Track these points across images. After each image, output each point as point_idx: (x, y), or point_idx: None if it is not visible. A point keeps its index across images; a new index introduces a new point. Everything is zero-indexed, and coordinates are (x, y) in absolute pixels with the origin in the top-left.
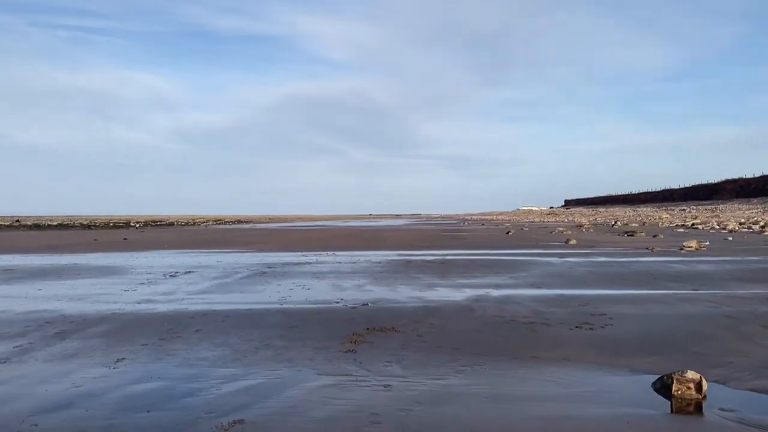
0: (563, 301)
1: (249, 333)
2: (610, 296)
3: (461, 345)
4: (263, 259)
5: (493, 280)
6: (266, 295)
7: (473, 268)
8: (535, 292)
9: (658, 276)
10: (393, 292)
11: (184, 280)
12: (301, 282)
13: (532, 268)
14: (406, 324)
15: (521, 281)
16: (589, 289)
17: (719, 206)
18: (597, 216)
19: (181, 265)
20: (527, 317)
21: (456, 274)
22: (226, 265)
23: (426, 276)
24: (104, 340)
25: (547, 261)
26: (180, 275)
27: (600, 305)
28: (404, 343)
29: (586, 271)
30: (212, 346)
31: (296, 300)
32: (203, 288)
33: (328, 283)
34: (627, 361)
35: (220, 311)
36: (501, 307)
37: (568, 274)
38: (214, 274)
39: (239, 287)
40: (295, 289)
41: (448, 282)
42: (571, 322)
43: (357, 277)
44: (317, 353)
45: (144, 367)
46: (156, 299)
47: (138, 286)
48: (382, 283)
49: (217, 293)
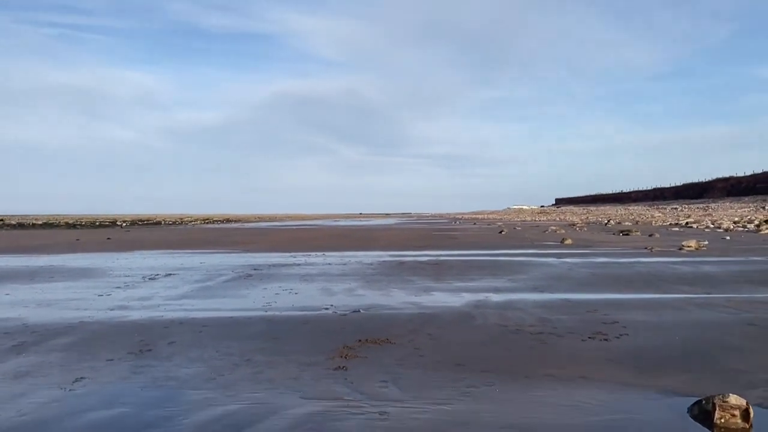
0: (569, 306)
1: (228, 345)
2: (618, 301)
3: (464, 360)
4: (249, 261)
5: (491, 283)
6: (250, 301)
7: (469, 269)
8: (537, 296)
9: (663, 278)
10: (386, 297)
11: (164, 283)
12: (288, 286)
13: (531, 270)
14: (402, 334)
15: (521, 284)
16: (594, 293)
17: (711, 205)
18: (589, 215)
19: (163, 267)
20: (533, 326)
21: (452, 277)
22: (210, 267)
23: (420, 278)
24: (65, 355)
25: (545, 262)
26: (160, 278)
27: (610, 311)
28: (401, 358)
29: (587, 272)
30: (186, 361)
31: (282, 306)
32: (183, 292)
33: (316, 286)
34: (653, 380)
35: (198, 319)
36: (503, 314)
37: (569, 276)
38: (197, 277)
39: (222, 292)
40: (281, 293)
41: (444, 285)
42: (582, 332)
43: (348, 280)
44: (303, 371)
45: (105, 389)
46: (130, 305)
47: (113, 291)
48: (374, 286)
49: (198, 298)
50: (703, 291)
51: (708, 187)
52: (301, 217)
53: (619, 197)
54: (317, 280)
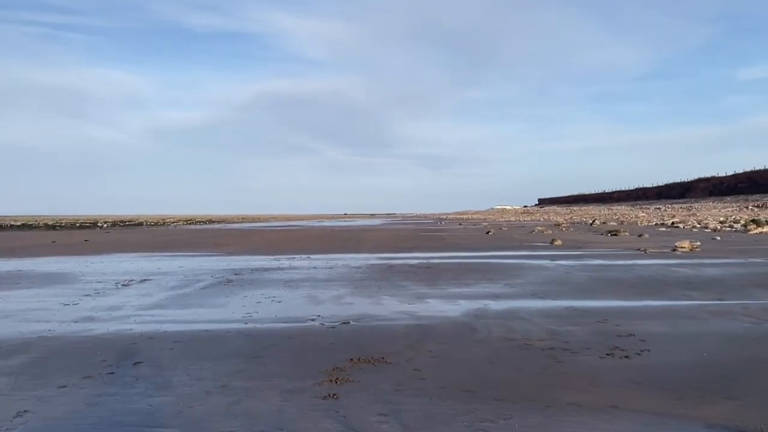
0: (577, 316)
1: (201, 367)
2: (627, 309)
3: (473, 384)
4: (231, 264)
5: (488, 288)
6: (229, 311)
7: (463, 273)
8: (539, 303)
9: (667, 282)
10: (378, 306)
11: (137, 290)
12: (271, 293)
13: (527, 274)
14: (399, 351)
15: (519, 290)
16: (598, 299)
17: (694, 205)
18: (573, 215)
19: (138, 272)
20: (542, 340)
21: (446, 282)
22: (189, 272)
23: (413, 284)
24: (13, 380)
25: (540, 264)
26: (134, 284)
27: (621, 322)
28: (399, 382)
29: (585, 276)
30: (151, 388)
31: (264, 317)
32: (156, 301)
33: (302, 293)
34: (694, 409)
35: (170, 333)
36: (507, 325)
37: (568, 281)
38: (173, 283)
39: (199, 300)
40: (263, 302)
41: (438, 291)
42: (599, 347)
43: (335, 286)
44: (287, 400)
45: (48, 428)
46: (98, 317)
47: (81, 299)
48: (364, 293)
49: (172, 308)
50: (713, 297)
51: (690, 187)
52: (285, 217)
53: (601, 197)
54: (302, 286)
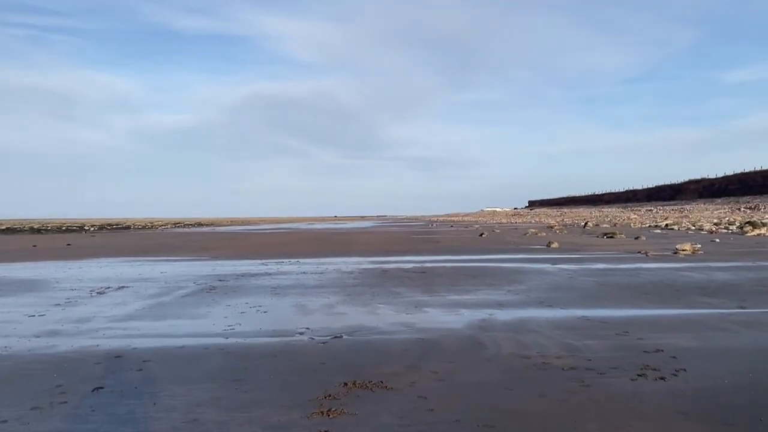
0: (593, 327)
1: (171, 393)
2: (646, 319)
3: (491, 418)
4: (215, 269)
5: (490, 295)
6: (209, 323)
7: (460, 278)
8: (549, 313)
9: (680, 288)
10: (372, 316)
11: (113, 299)
12: (257, 301)
13: (528, 279)
14: (400, 373)
15: (524, 297)
16: (611, 307)
17: (686, 206)
18: (564, 217)
19: (117, 278)
20: (561, 357)
21: (443, 288)
22: (170, 278)
23: (408, 290)
24: None
25: (540, 269)
26: (110, 292)
27: (644, 334)
28: (403, 415)
29: (591, 282)
30: (107, 423)
31: (247, 330)
32: (132, 311)
33: (289, 302)
34: None
35: (141, 351)
36: (518, 339)
37: (574, 287)
38: (152, 291)
39: (177, 310)
40: (247, 312)
41: (437, 299)
42: (627, 366)
43: (325, 293)
44: None
45: None
46: (63, 330)
47: (50, 309)
48: (357, 301)
49: (147, 319)
50: (734, 305)
51: (680, 189)
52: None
53: (591, 199)
54: (290, 293)
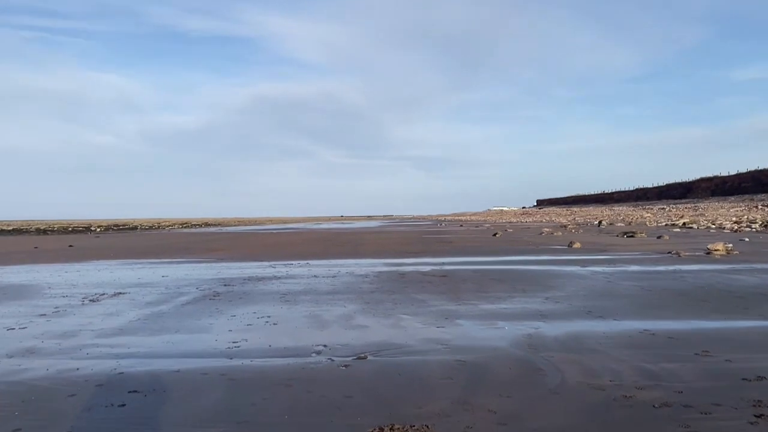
0: (665, 345)
1: None
2: (721, 334)
3: None
4: (221, 273)
5: (526, 304)
6: (211, 338)
7: (487, 283)
8: (603, 326)
9: (739, 294)
10: (398, 330)
11: (106, 307)
12: (265, 310)
13: (563, 284)
14: (447, 411)
15: (566, 306)
16: (673, 319)
17: (699, 204)
18: (575, 216)
19: (114, 283)
20: (643, 388)
21: (471, 295)
22: (172, 283)
23: (433, 298)
24: None
25: (572, 272)
26: (104, 300)
27: (731, 355)
28: None
29: (634, 287)
30: None
31: (254, 347)
32: (124, 324)
33: (302, 311)
34: None
35: (127, 377)
36: (581, 362)
37: (618, 293)
38: (150, 298)
39: (176, 322)
40: (255, 324)
41: (468, 309)
42: (732, 402)
43: (341, 301)
44: None
45: None
46: (42, 348)
47: (33, 321)
48: (377, 310)
49: (141, 333)
50: None
51: (692, 187)
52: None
53: (601, 198)
54: (302, 300)
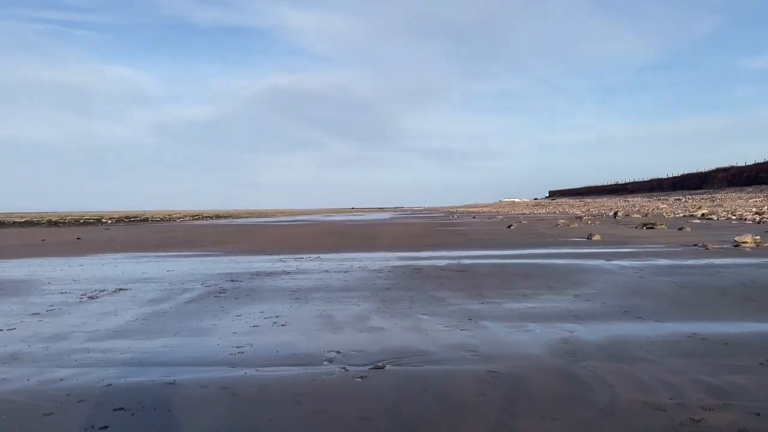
0: (723, 353)
1: None
2: None
3: None
4: (229, 267)
5: (555, 302)
6: (213, 342)
7: (509, 279)
8: (644, 328)
9: None
10: (418, 334)
11: (104, 306)
12: (273, 309)
13: (591, 279)
14: None
15: (599, 304)
16: (721, 320)
17: (716, 195)
18: (588, 207)
19: (116, 279)
20: (712, 409)
21: (494, 292)
22: (177, 278)
23: (453, 295)
24: None
25: (597, 266)
26: (103, 297)
27: None
28: None
29: (668, 283)
30: None
31: (260, 354)
32: (121, 324)
33: (312, 311)
34: None
35: (115, 390)
36: (630, 374)
37: (652, 290)
38: (152, 294)
39: (176, 323)
40: (261, 325)
41: (492, 308)
42: None
43: (354, 299)
44: None
45: None
46: (28, 353)
47: (24, 321)
48: (394, 310)
49: (137, 336)
50: None
51: (707, 178)
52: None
53: (614, 189)
54: (313, 298)
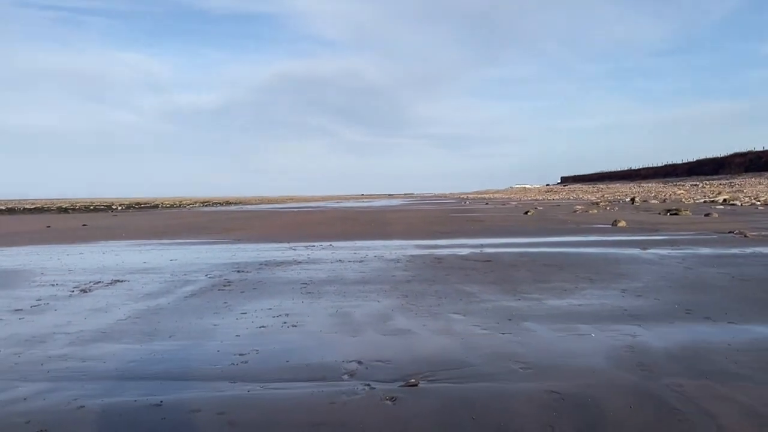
0: None
1: None
2: None
3: None
4: (235, 256)
5: (603, 299)
6: (212, 348)
7: (542, 270)
8: (720, 333)
9: None
10: (451, 338)
11: (96, 300)
12: (283, 306)
13: (634, 271)
14: None
15: (653, 301)
16: None
17: (734, 180)
18: (603, 193)
19: (115, 268)
20: None
21: (528, 286)
22: (179, 268)
23: (483, 290)
24: None
25: (635, 256)
26: (97, 289)
27: None
28: None
29: (723, 276)
30: None
31: (266, 365)
32: (110, 323)
33: (327, 307)
34: None
35: (86, 414)
36: (729, 397)
37: (708, 284)
38: (150, 287)
39: (173, 322)
40: (269, 326)
41: (531, 305)
42: None
43: (373, 293)
44: None
45: None
46: None
47: (4, 318)
48: (419, 307)
49: (126, 339)
50: None
51: (724, 163)
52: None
53: (628, 174)
54: (326, 292)
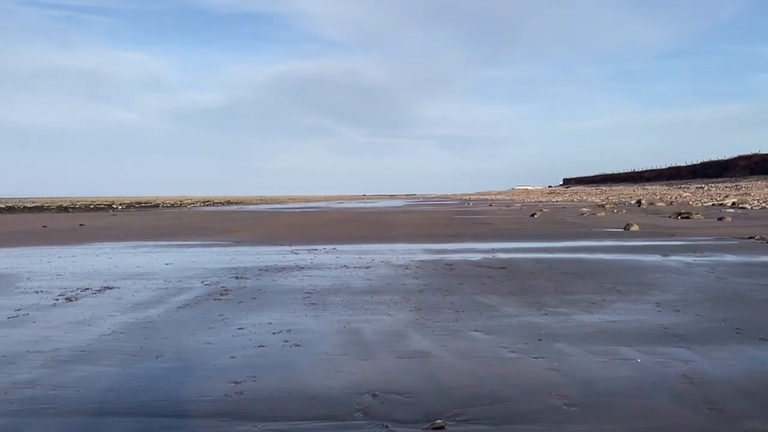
0: None
1: None
2: None
3: None
4: (235, 260)
5: (637, 314)
6: (203, 373)
7: (562, 279)
8: None
9: None
10: (477, 363)
11: (80, 310)
12: (284, 320)
13: (662, 281)
14: None
15: (696, 317)
16: None
17: (740, 183)
18: (607, 195)
19: (107, 273)
20: None
21: (553, 298)
22: (174, 273)
23: (503, 302)
24: None
25: (658, 264)
26: (84, 298)
27: None
28: None
29: (760, 287)
30: None
31: (264, 396)
32: (92, 339)
33: (332, 322)
34: None
35: None
36: None
37: (750, 297)
38: (141, 296)
39: (162, 338)
40: (268, 345)
41: (560, 321)
42: None
43: (383, 305)
44: None
45: None
46: None
47: None
48: (436, 323)
49: (105, 360)
50: None
51: (728, 166)
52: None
53: (631, 176)
54: (332, 303)
